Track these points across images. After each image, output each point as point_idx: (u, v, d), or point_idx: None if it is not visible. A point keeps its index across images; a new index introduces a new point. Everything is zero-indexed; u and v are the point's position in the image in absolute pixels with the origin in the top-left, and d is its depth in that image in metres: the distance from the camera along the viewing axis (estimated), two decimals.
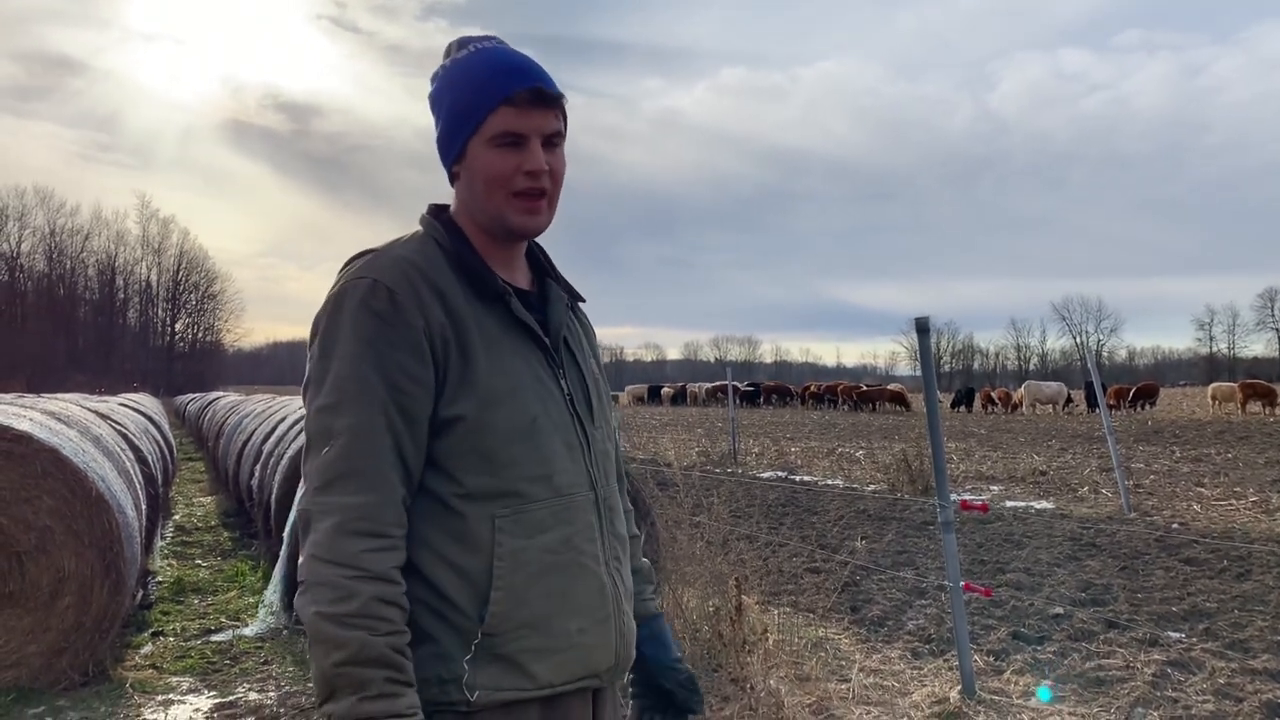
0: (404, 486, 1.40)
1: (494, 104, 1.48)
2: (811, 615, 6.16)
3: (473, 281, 1.50)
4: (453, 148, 1.54)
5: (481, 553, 1.43)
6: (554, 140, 1.53)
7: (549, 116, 1.52)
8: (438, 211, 1.59)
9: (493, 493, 1.44)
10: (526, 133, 1.49)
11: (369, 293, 1.41)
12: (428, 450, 1.43)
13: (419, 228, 1.58)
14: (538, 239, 1.66)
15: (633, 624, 1.62)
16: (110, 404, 13.30)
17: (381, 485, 1.37)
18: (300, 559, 1.37)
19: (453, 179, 1.58)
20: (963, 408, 43.35)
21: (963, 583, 4.74)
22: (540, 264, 1.68)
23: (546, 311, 1.60)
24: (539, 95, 1.50)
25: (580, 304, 1.74)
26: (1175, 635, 5.65)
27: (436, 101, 1.57)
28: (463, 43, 1.57)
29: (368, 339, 1.39)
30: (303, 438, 1.46)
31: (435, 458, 1.44)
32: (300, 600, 1.35)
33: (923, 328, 4.92)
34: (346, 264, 1.51)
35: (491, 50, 1.54)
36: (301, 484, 1.43)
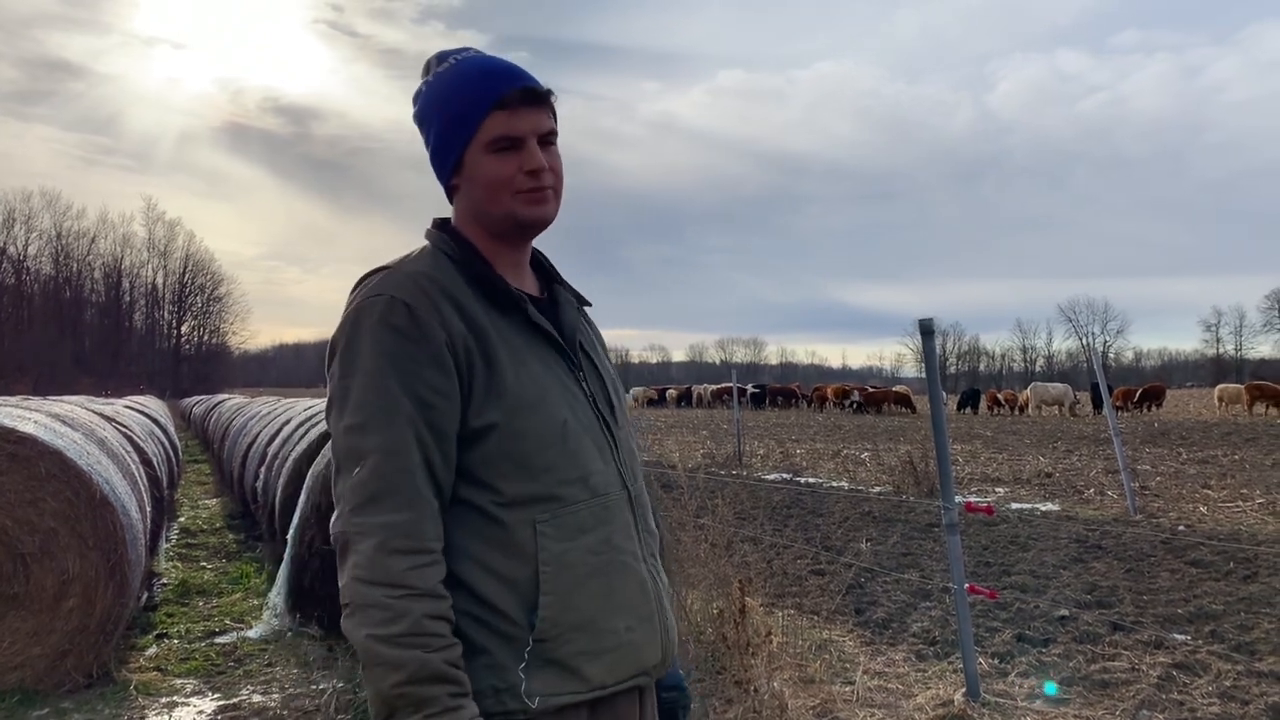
0: (438, 500, 1.40)
1: (486, 110, 1.49)
2: (816, 617, 6.15)
3: (488, 291, 1.50)
4: (449, 160, 1.53)
5: (526, 559, 1.42)
6: (549, 138, 1.54)
7: (541, 115, 1.53)
8: (443, 224, 1.59)
9: (532, 498, 1.44)
10: (522, 134, 1.50)
11: (387, 309, 1.40)
12: (462, 461, 1.43)
13: (425, 243, 1.57)
14: (540, 249, 1.67)
15: (673, 618, 1.62)
16: (116, 406, 13.33)
17: (417, 502, 1.36)
18: (341, 581, 1.35)
19: (452, 192, 1.58)
20: (969, 409, 43.27)
21: (967, 585, 4.72)
22: (546, 270, 1.68)
23: (558, 316, 1.61)
24: (529, 95, 1.50)
25: (587, 308, 1.75)
26: (1181, 637, 5.63)
27: (424, 118, 1.56)
28: (441, 57, 1.57)
29: (389, 355, 1.38)
30: (307, 439, 1.48)
31: (471, 468, 1.43)
32: (348, 624, 1.33)
33: (926, 330, 4.91)
34: (359, 283, 1.50)
35: (472, 59, 1.55)
36: (335, 504, 1.41)
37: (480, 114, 1.49)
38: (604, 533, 1.49)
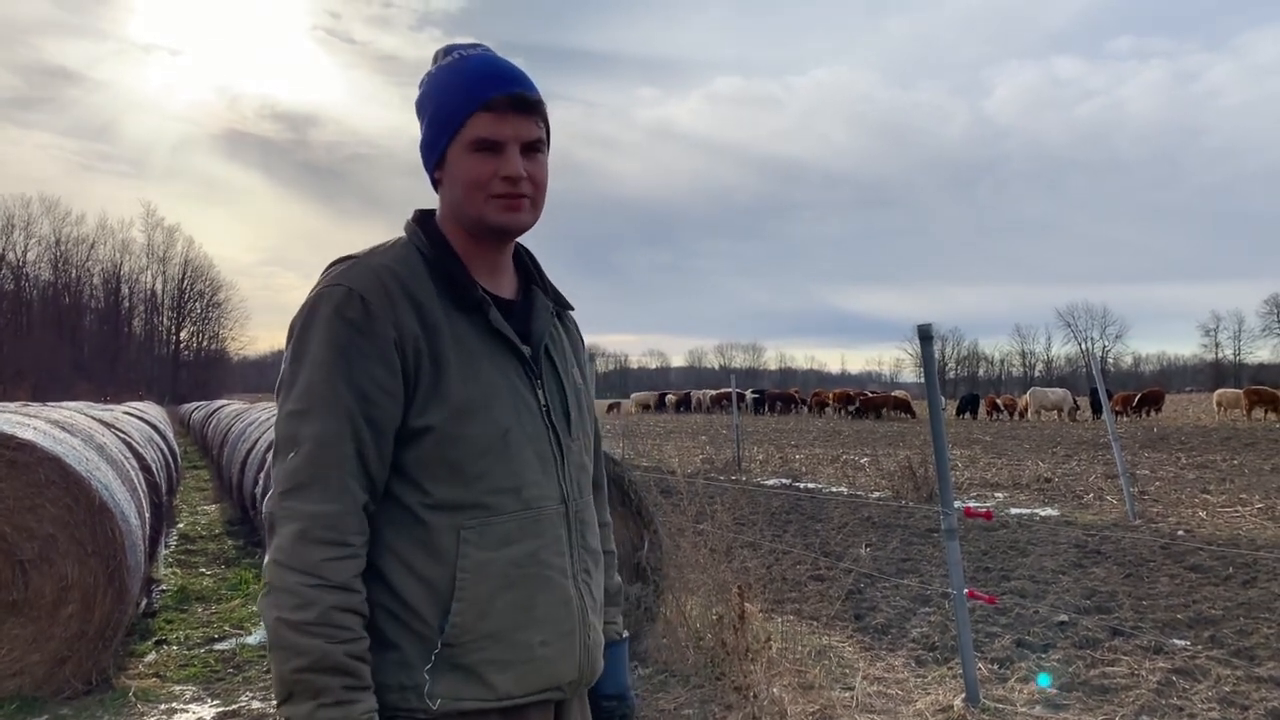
0: (366, 495, 1.41)
1: (471, 110, 1.49)
2: (815, 623, 6.15)
3: (452, 290, 1.50)
4: (433, 153, 1.55)
5: (446, 563, 1.43)
6: (535, 147, 1.53)
7: (528, 123, 1.51)
8: (423, 217, 1.59)
9: (460, 504, 1.45)
10: (503, 139, 1.49)
11: (343, 301, 1.42)
12: (398, 459, 1.44)
13: (403, 233, 1.58)
14: (527, 246, 1.67)
15: (600, 637, 1.62)
16: (115, 412, 13.33)
17: (344, 495, 1.38)
18: (265, 560, 1.39)
19: (436, 184, 1.59)
20: (968, 414, 43.28)
21: (967, 590, 4.72)
22: (528, 270, 1.67)
23: (530, 320, 1.59)
24: (517, 101, 1.50)
25: (568, 311, 1.73)
26: (1180, 643, 5.63)
27: (420, 108, 1.58)
28: (448, 50, 1.58)
29: (339, 347, 1.40)
30: None
31: (405, 467, 1.45)
32: (263, 603, 1.37)
33: (925, 335, 4.92)
34: (328, 268, 1.52)
35: (474, 57, 1.54)
36: (272, 485, 1.47)
37: (465, 113, 1.49)
38: (531, 546, 1.49)
